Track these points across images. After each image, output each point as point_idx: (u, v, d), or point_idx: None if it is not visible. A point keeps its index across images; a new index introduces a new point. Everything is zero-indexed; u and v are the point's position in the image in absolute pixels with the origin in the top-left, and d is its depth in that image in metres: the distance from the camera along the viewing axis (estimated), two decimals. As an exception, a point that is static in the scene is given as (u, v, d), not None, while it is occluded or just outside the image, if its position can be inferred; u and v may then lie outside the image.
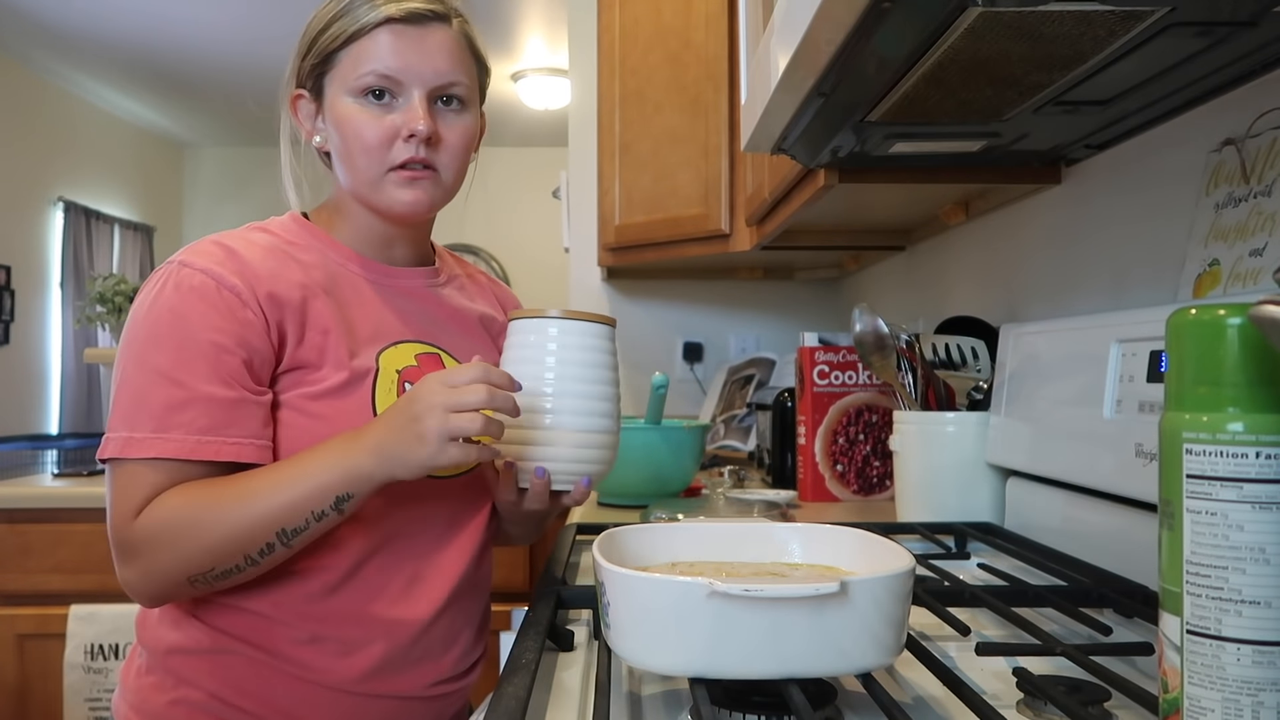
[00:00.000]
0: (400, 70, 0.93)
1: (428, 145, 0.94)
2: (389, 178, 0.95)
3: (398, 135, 0.94)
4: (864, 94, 0.90)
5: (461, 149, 0.98)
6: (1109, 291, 1.12)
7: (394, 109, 0.94)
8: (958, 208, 1.52)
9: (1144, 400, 0.88)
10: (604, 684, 0.59)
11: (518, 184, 5.32)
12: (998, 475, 1.20)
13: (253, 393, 0.89)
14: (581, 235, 2.71)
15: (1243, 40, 0.74)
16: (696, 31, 2.02)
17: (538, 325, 0.92)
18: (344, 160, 0.97)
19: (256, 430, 0.89)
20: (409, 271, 1.04)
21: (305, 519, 0.84)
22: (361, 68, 0.93)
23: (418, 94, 0.94)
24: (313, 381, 0.92)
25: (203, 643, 0.90)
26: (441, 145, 0.96)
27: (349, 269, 1.00)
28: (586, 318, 0.91)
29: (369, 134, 0.94)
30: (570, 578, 0.97)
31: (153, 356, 0.87)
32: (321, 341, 0.92)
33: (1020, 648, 0.69)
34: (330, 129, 0.97)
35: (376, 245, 1.02)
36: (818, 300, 2.73)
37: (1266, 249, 0.81)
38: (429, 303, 1.05)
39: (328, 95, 0.97)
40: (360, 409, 0.92)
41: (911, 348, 1.30)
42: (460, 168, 0.99)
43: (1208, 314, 0.47)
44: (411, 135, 0.93)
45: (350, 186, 0.98)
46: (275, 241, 0.97)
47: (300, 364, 0.92)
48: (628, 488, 1.58)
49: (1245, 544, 0.45)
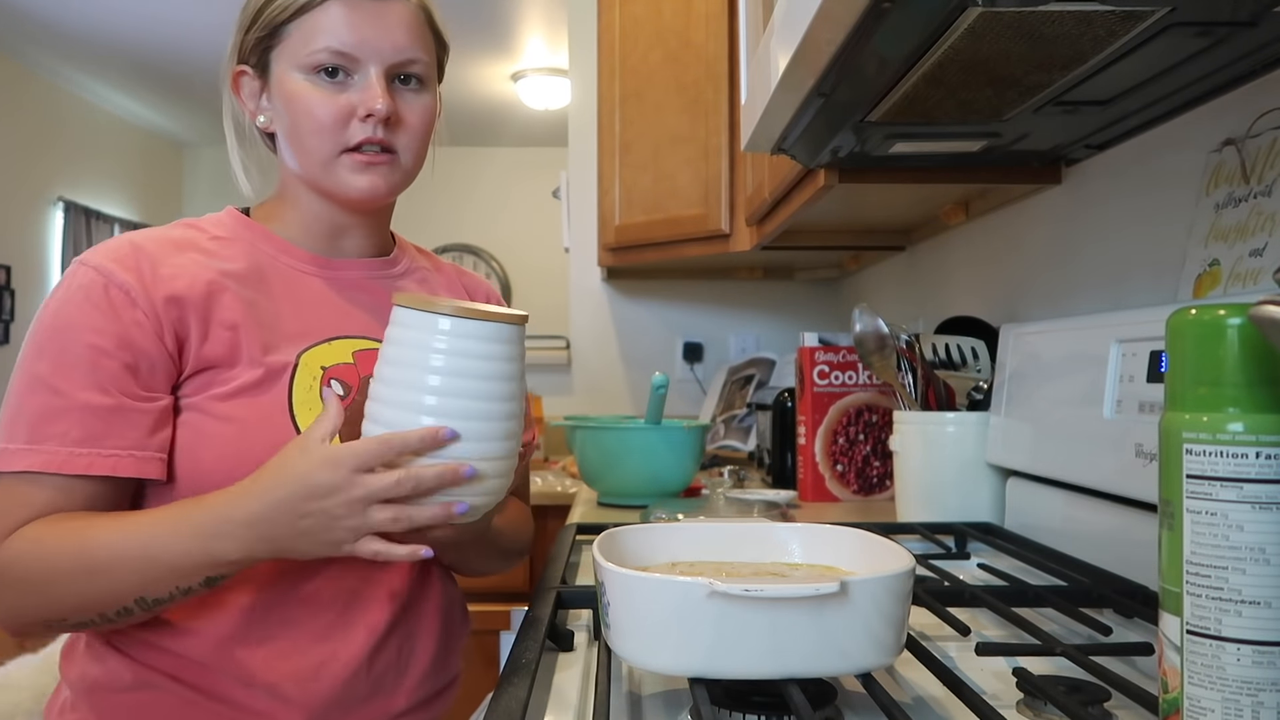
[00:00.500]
0: (356, 45, 0.86)
1: (386, 126, 0.88)
2: (342, 160, 0.88)
3: (353, 115, 0.87)
4: (864, 94, 0.90)
5: (422, 131, 0.92)
6: (1109, 291, 1.12)
7: (349, 87, 0.88)
8: (958, 208, 1.52)
9: (1144, 400, 0.88)
10: (604, 684, 0.59)
11: (518, 184, 5.33)
12: (998, 475, 1.20)
13: (135, 399, 0.81)
14: (581, 235, 2.71)
15: (1243, 40, 0.74)
16: (696, 31, 2.02)
17: (425, 321, 0.76)
18: (292, 141, 0.90)
19: (138, 440, 0.80)
20: (356, 262, 0.97)
21: (169, 591, 0.77)
22: (313, 42, 0.86)
23: (375, 71, 0.87)
24: (223, 381, 0.84)
25: (125, 679, 0.83)
26: (402, 126, 0.89)
27: (280, 261, 0.93)
28: (491, 317, 0.76)
29: (321, 112, 0.87)
30: (570, 578, 0.97)
31: (35, 363, 0.81)
32: (230, 338, 0.85)
33: (1020, 648, 0.69)
34: (278, 108, 0.90)
35: (324, 235, 0.95)
36: (818, 300, 2.73)
37: (1266, 249, 0.81)
38: (381, 296, 0.96)
39: (274, 71, 0.90)
40: (274, 410, 0.85)
41: (911, 348, 1.30)
42: (421, 151, 0.93)
43: (1208, 314, 0.47)
44: (369, 115, 0.86)
45: (299, 170, 0.91)
46: (195, 236, 0.90)
47: (209, 363, 0.84)
48: (628, 488, 1.58)
49: (1245, 544, 0.45)
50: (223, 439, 0.82)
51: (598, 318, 2.74)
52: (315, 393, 0.87)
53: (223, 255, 0.89)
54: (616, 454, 1.57)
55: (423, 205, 5.32)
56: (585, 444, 1.60)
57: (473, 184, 5.39)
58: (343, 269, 0.96)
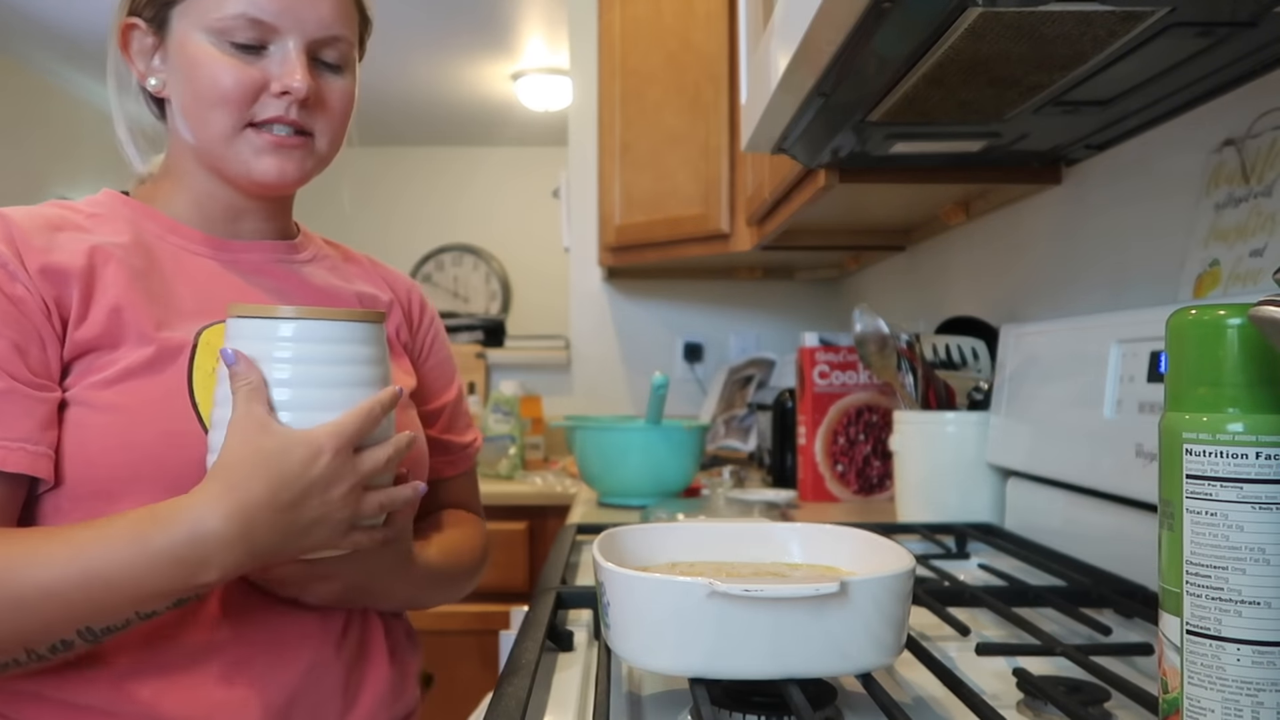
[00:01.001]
0: (277, 14, 0.77)
1: (303, 107, 0.79)
2: (246, 136, 0.78)
3: (265, 89, 0.78)
4: (864, 94, 0.90)
5: (342, 116, 0.83)
6: (1109, 291, 1.12)
7: (263, 57, 0.78)
8: (958, 208, 1.52)
9: (1144, 400, 0.88)
10: (604, 684, 0.59)
11: (517, 184, 5.32)
12: (998, 475, 1.20)
13: (26, 384, 0.69)
14: (581, 235, 2.71)
15: (1243, 40, 0.74)
16: (696, 31, 2.02)
17: (262, 329, 0.68)
18: (190, 112, 0.79)
19: (31, 433, 0.68)
20: (257, 245, 0.86)
21: (127, 619, 0.65)
22: (226, 4, 0.76)
23: (294, 44, 0.78)
24: (106, 365, 0.72)
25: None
26: (321, 109, 0.81)
27: (169, 240, 0.82)
28: (335, 316, 0.69)
29: (228, 82, 0.76)
30: (570, 578, 0.97)
31: None
32: (113, 315, 0.73)
33: (1020, 648, 0.69)
34: (176, 71, 0.79)
35: (218, 218, 0.84)
36: (818, 300, 2.73)
37: (1266, 249, 0.81)
38: (286, 281, 0.86)
39: (174, 30, 0.79)
40: (169, 394, 0.73)
41: (911, 348, 1.30)
42: (338, 138, 0.84)
43: (1208, 314, 0.47)
44: (285, 93, 0.77)
45: (194, 144, 0.81)
46: (69, 215, 0.79)
47: (89, 346, 0.73)
48: (628, 488, 1.58)
49: (1245, 544, 0.45)
50: (108, 431, 0.70)
51: (598, 318, 2.74)
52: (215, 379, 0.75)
53: (103, 230, 0.78)
54: (616, 454, 1.57)
55: (422, 205, 5.32)
56: (585, 444, 1.60)
57: (472, 184, 5.38)
58: (241, 251, 0.85)
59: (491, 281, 5.37)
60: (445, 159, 5.37)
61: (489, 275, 5.37)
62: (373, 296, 0.92)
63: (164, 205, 0.84)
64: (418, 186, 5.34)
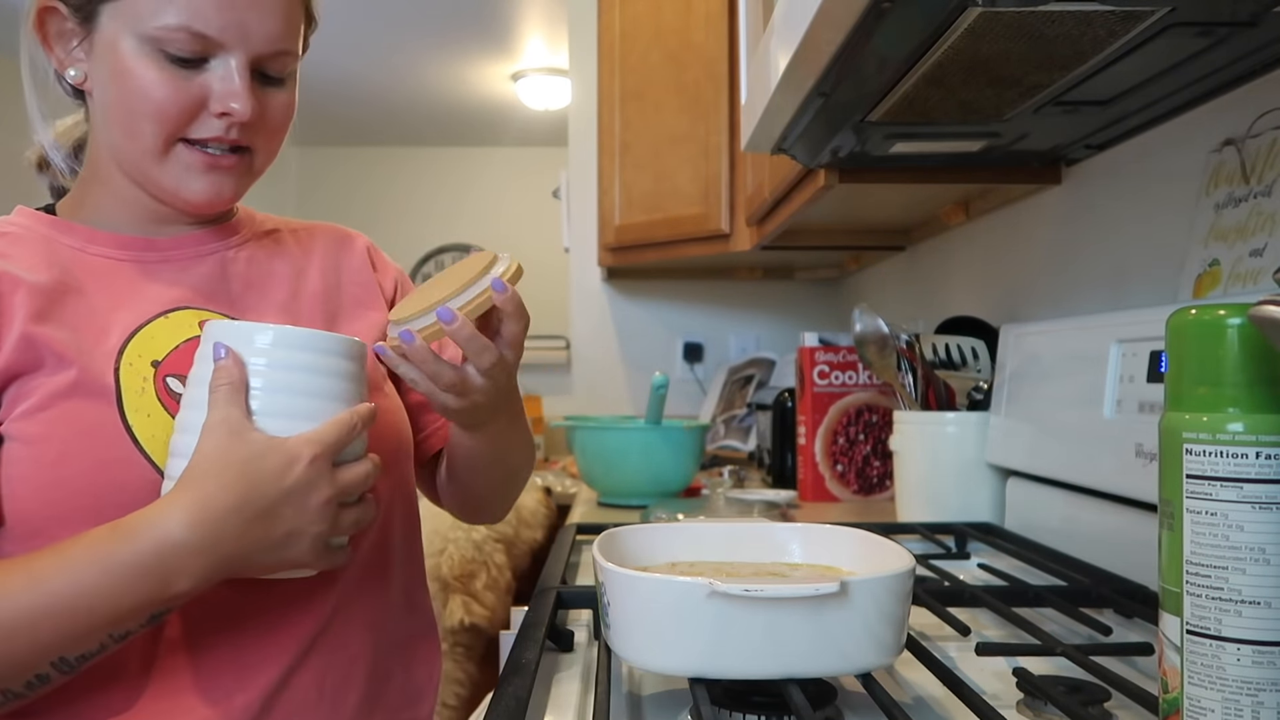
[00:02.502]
0: (222, 29, 0.70)
1: (243, 127, 0.73)
2: (178, 154, 0.73)
3: (203, 107, 0.72)
4: (864, 94, 0.90)
5: (282, 129, 0.78)
6: (1109, 291, 1.12)
7: (203, 71, 0.71)
8: (958, 208, 1.52)
9: (1144, 400, 0.88)
10: (604, 684, 0.59)
11: (517, 184, 5.33)
12: (998, 475, 1.20)
13: None
14: (581, 235, 2.71)
15: (1243, 40, 0.74)
16: (696, 31, 2.02)
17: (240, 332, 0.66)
18: (117, 120, 0.73)
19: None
20: (182, 239, 0.80)
21: (101, 643, 0.62)
22: (165, 13, 0.69)
23: (237, 61, 0.71)
24: (27, 395, 0.68)
25: None
26: (262, 127, 0.75)
27: (88, 252, 0.76)
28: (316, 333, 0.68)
29: (161, 96, 0.70)
30: (570, 578, 0.97)
31: None
32: (25, 343, 0.68)
33: (1020, 648, 0.69)
34: (102, 74, 0.72)
35: (144, 221, 0.79)
36: (818, 300, 2.73)
37: (1266, 249, 0.81)
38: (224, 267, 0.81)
39: (104, 29, 0.71)
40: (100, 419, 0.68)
41: (911, 348, 1.30)
42: (275, 149, 0.79)
43: (1208, 314, 0.47)
44: (225, 114, 0.72)
45: (120, 154, 0.75)
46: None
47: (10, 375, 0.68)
48: (628, 488, 1.58)
49: (1245, 544, 0.45)
50: (39, 465, 0.66)
51: (598, 318, 2.74)
52: (150, 394, 0.70)
53: (10, 254, 0.73)
54: (616, 454, 1.57)
55: (422, 205, 5.32)
56: (585, 444, 1.60)
57: (472, 184, 5.38)
58: (166, 248, 0.79)
59: (491, 281, 5.36)
60: (445, 159, 5.37)
61: (489, 275, 5.36)
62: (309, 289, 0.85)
63: (88, 212, 0.79)
64: (418, 186, 5.34)
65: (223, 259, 0.82)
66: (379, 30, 3.63)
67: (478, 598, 1.90)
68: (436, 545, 1.91)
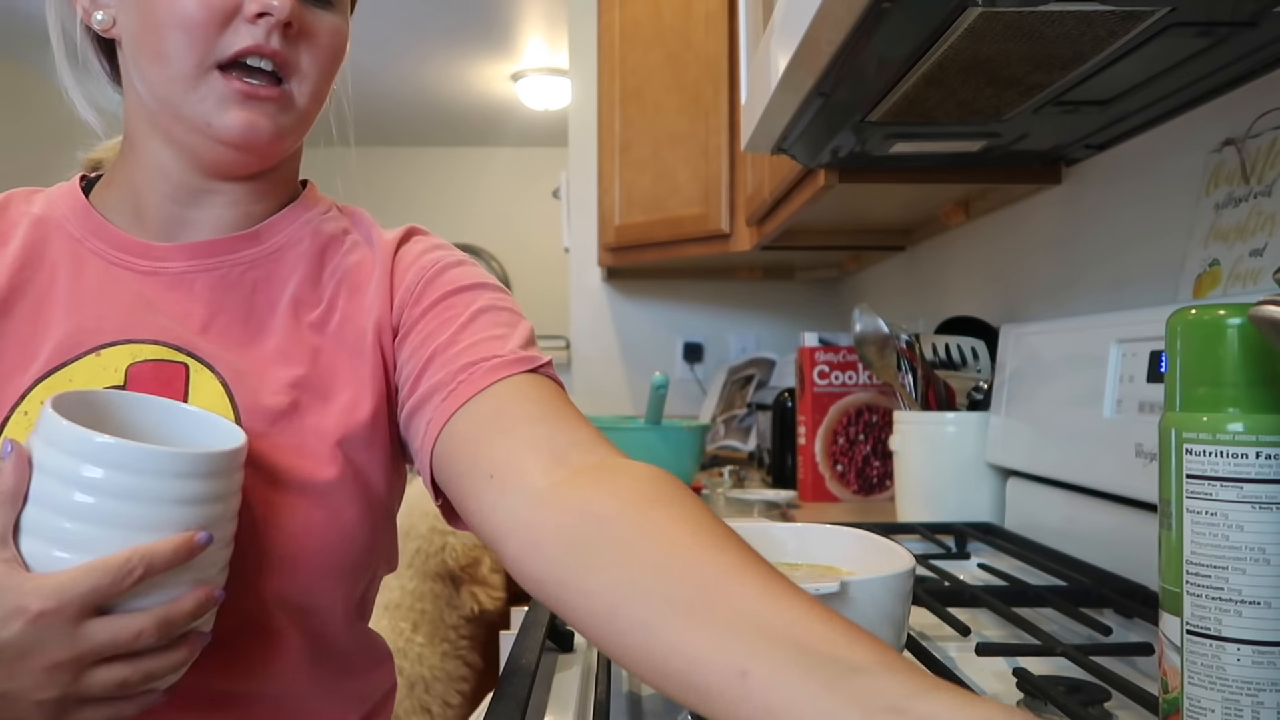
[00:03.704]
0: None
1: (285, 37, 0.64)
2: (211, 81, 0.64)
3: (237, 12, 0.63)
4: (864, 94, 0.90)
5: (330, 59, 0.69)
6: (1109, 291, 1.12)
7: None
8: (958, 208, 1.52)
9: (1144, 400, 0.88)
10: (604, 684, 0.59)
11: (518, 184, 5.32)
12: (998, 475, 1.20)
13: None
14: (581, 235, 2.71)
15: (1243, 40, 0.74)
16: (696, 31, 2.02)
17: (73, 438, 0.53)
18: (145, 47, 0.65)
19: None
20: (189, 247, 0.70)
21: None
22: None
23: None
24: None
25: None
26: (309, 43, 0.66)
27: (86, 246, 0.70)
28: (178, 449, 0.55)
29: (189, 6, 0.62)
30: (570, 578, 0.97)
31: None
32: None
33: (1020, 648, 0.69)
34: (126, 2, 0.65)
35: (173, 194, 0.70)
36: (818, 300, 2.73)
37: (1266, 249, 0.81)
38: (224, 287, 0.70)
39: None
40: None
41: (911, 348, 1.30)
42: (322, 89, 0.70)
43: (1208, 314, 0.47)
44: (262, 14, 0.63)
45: (149, 94, 0.66)
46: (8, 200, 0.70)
47: None
48: (628, 488, 1.58)
49: (1245, 544, 0.45)
50: None
51: (598, 318, 2.74)
52: None
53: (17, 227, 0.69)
54: (616, 454, 1.57)
55: (422, 205, 5.32)
56: (585, 444, 1.60)
57: (473, 184, 5.38)
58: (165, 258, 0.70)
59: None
60: (445, 159, 5.37)
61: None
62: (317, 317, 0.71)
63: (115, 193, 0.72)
64: (417, 187, 5.34)
65: (223, 279, 0.70)
66: (378, 30, 3.63)
67: (486, 582, 1.89)
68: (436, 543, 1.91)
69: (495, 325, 0.70)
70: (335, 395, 0.69)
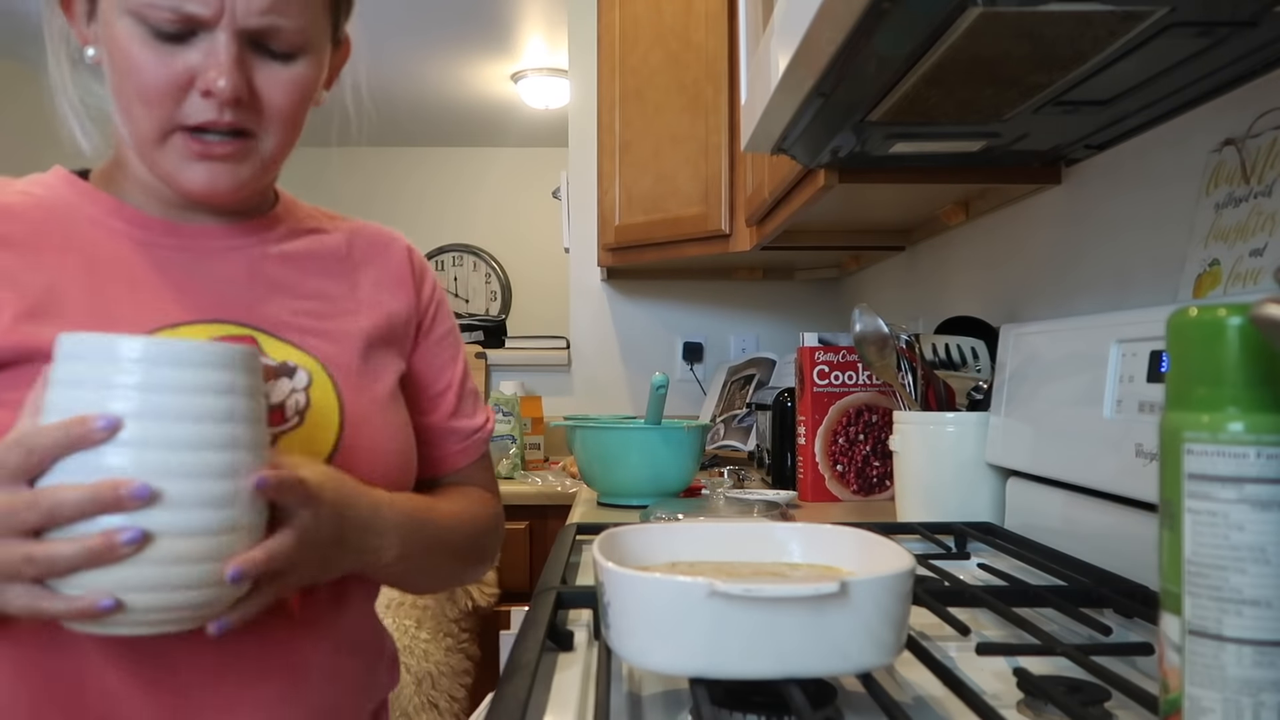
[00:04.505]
0: (205, 1, 0.66)
1: (237, 108, 0.68)
2: (174, 143, 0.69)
3: (191, 84, 0.67)
4: (864, 94, 0.90)
5: (288, 110, 0.71)
6: (1109, 291, 1.12)
7: (192, 45, 0.67)
8: (958, 208, 1.52)
9: (1144, 400, 0.88)
10: (604, 684, 0.59)
11: (518, 184, 5.33)
12: (998, 475, 1.20)
13: None
14: (581, 235, 2.71)
15: (1243, 40, 0.74)
16: (696, 31, 2.02)
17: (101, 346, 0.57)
18: (118, 102, 0.70)
19: None
20: (215, 229, 0.77)
21: None
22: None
23: (224, 35, 0.66)
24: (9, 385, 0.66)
25: None
26: (262, 108, 0.70)
27: (111, 225, 0.74)
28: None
29: (148, 76, 0.67)
30: (570, 578, 0.97)
31: None
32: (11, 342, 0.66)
33: (1020, 648, 0.69)
34: (105, 55, 0.70)
35: (169, 206, 0.76)
36: (818, 300, 2.73)
37: (1266, 249, 0.81)
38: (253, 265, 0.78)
39: (103, 3, 0.69)
40: None
41: (911, 348, 1.30)
42: (287, 134, 0.73)
43: (1208, 314, 0.47)
44: (209, 93, 0.67)
45: (128, 139, 0.72)
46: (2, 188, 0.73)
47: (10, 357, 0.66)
48: (628, 488, 1.58)
49: (1245, 544, 0.45)
50: None
51: (598, 318, 2.74)
52: None
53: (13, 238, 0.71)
54: (616, 454, 1.57)
55: (422, 205, 5.32)
56: (585, 444, 1.60)
57: (472, 184, 5.39)
58: (194, 236, 0.76)
59: (491, 281, 5.37)
60: (445, 159, 5.37)
61: (489, 275, 5.38)
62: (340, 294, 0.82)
63: (116, 188, 0.77)
64: (418, 186, 5.34)
65: (251, 257, 0.78)
66: (378, 31, 3.63)
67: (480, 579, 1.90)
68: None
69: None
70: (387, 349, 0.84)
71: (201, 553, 0.57)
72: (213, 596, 0.59)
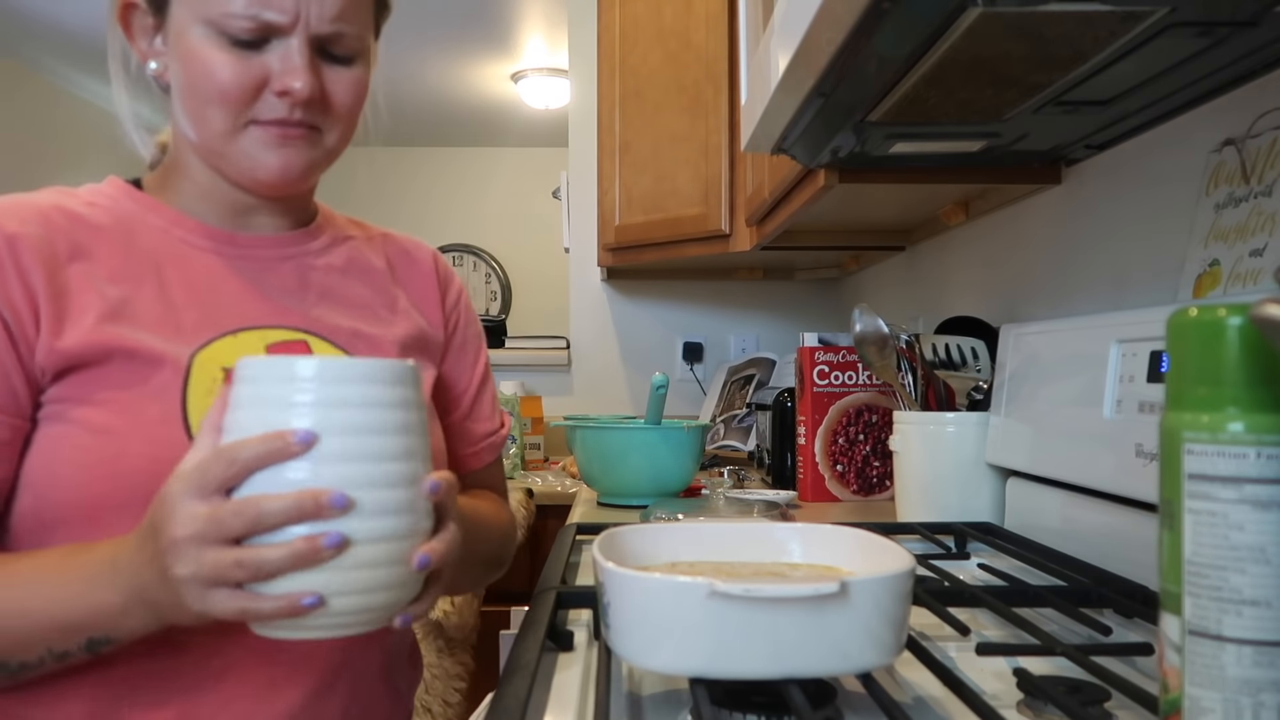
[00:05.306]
0: (281, 10, 0.71)
1: (307, 107, 0.74)
2: (249, 133, 0.74)
3: (265, 86, 0.73)
4: (864, 94, 0.90)
5: (351, 110, 0.78)
6: (1109, 291, 1.12)
7: (265, 51, 0.73)
8: (958, 208, 1.52)
9: (1144, 400, 0.88)
10: (604, 684, 0.59)
11: (518, 184, 5.33)
12: (998, 475, 1.20)
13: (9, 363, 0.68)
14: (581, 235, 2.71)
15: (1243, 40, 0.74)
16: (696, 31, 2.02)
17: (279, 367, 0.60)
18: (188, 105, 0.75)
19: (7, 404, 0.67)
20: (266, 239, 0.82)
21: (40, 656, 0.63)
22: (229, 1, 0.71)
23: (297, 41, 0.72)
24: (95, 384, 0.69)
25: None
26: (327, 107, 0.76)
27: (172, 235, 0.78)
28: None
29: (226, 78, 0.72)
30: (570, 578, 0.97)
31: None
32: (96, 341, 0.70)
33: (1020, 648, 0.69)
34: (173, 60, 0.75)
35: (226, 213, 0.81)
36: (818, 300, 2.73)
37: (1266, 249, 0.81)
38: (303, 274, 0.83)
39: (174, 15, 0.74)
40: (164, 417, 0.70)
41: (911, 348, 1.30)
42: (348, 131, 0.80)
43: (1208, 314, 0.47)
44: (286, 93, 0.73)
45: (194, 139, 0.77)
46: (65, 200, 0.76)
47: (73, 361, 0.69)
48: (628, 488, 1.58)
49: (1245, 544, 0.44)
50: (89, 454, 0.68)
51: (598, 318, 2.74)
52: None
53: (91, 249, 0.75)
54: (616, 454, 1.57)
55: (423, 205, 5.32)
56: (585, 444, 1.60)
57: (473, 184, 5.39)
58: (249, 246, 0.81)
59: (491, 281, 5.37)
60: (446, 159, 5.37)
61: (489, 275, 5.38)
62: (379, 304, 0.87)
63: (171, 196, 0.81)
64: (418, 186, 5.34)
65: (300, 266, 0.83)
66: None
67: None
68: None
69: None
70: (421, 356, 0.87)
71: (390, 556, 0.60)
72: (397, 598, 0.62)
